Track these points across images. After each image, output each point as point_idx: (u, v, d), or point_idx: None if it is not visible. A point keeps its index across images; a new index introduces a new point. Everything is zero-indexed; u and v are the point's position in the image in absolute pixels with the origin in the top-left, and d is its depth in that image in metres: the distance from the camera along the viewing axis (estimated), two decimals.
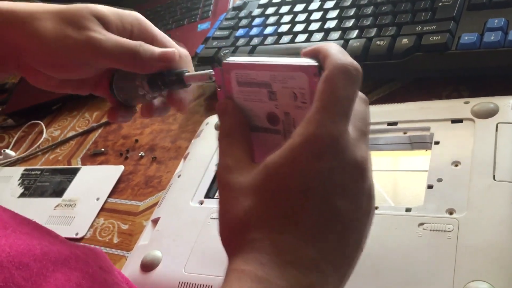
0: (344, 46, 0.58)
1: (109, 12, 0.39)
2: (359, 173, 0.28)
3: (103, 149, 0.73)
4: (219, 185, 0.30)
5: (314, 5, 0.66)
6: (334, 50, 0.29)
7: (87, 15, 0.37)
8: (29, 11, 0.37)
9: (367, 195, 0.29)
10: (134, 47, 0.37)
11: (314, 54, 0.30)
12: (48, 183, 0.71)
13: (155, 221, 0.52)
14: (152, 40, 0.40)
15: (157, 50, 0.38)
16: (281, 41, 0.64)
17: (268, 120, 0.32)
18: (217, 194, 0.53)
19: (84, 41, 0.36)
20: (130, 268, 0.49)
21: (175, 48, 0.39)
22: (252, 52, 0.65)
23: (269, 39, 0.66)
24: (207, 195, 0.52)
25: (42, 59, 0.37)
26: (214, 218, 0.49)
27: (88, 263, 0.35)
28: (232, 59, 0.32)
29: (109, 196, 0.65)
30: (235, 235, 0.28)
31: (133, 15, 0.40)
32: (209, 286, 0.43)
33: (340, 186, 0.27)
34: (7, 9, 0.37)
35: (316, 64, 0.29)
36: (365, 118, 0.30)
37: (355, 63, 0.28)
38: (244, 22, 0.72)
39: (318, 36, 0.62)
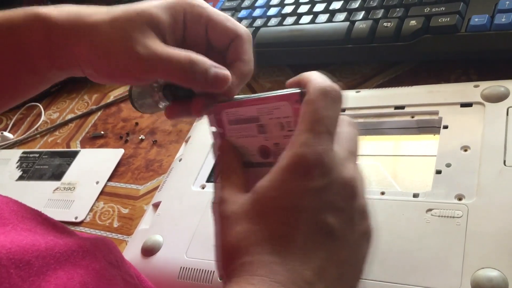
0: (350, 28, 0.57)
1: (161, 12, 0.35)
2: (348, 191, 0.28)
3: (102, 132, 0.72)
4: (215, 219, 0.31)
5: None
6: (314, 75, 0.30)
7: (138, 25, 0.34)
8: (91, 23, 0.35)
9: (360, 213, 0.29)
10: (184, 65, 0.33)
11: (297, 83, 0.31)
12: (47, 166, 0.70)
13: (156, 205, 0.51)
14: (207, 26, 0.36)
15: (210, 70, 0.33)
16: (284, 23, 0.63)
17: (261, 155, 0.33)
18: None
19: (144, 56, 0.33)
20: (130, 252, 0.48)
21: (226, 73, 0.34)
22: (255, 33, 0.64)
23: (273, 21, 0.64)
24: (209, 180, 0.51)
25: (97, 70, 0.36)
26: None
27: (96, 257, 0.33)
28: (219, 100, 0.34)
29: (109, 179, 0.64)
30: (228, 261, 0.28)
31: (184, 1, 0.36)
32: (211, 271, 0.42)
33: (329, 203, 0.27)
34: (74, 17, 0.35)
35: (298, 91, 0.30)
36: (353, 139, 0.31)
37: (335, 85, 0.29)
38: (246, 3, 0.70)
39: (323, 17, 0.60)
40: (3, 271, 0.27)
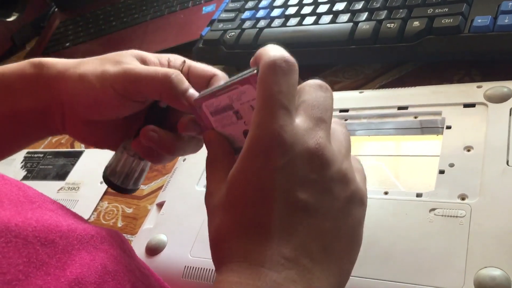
0: (354, 29, 0.57)
1: (148, 54, 0.40)
2: (317, 162, 0.27)
3: None
4: (206, 211, 0.31)
5: None
6: (265, 50, 0.29)
7: (125, 54, 0.39)
8: (77, 61, 0.39)
9: (339, 180, 0.28)
10: (167, 72, 0.36)
11: (255, 62, 0.30)
12: (51, 166, 0.70)
13: (160, 205, 0.52)
14: (189, 69, 0.39)
15: (189, 86, 0.36)
16: (288, 24, 0.63)
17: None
18: None
19: (119, 72, 0.36)
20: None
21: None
22: (258, 35, 0.64)
23: (276, 22, 0.64)
24: None
25: (82, 98, 0.37)
26: None
27: (113, 244, 0.34)
28: (198, 95, 0.35)
29: None
30: (214, 252, 0.29)
31: (171, 54, 0.41)
32: (215, 270, 0.42)
33: (296, 179, 0.27)
34: (55, 62, 0.39)
35: (255, 71, 0.29)
36: (322, 104, 0.29)
37: (284, 55, 0.28)
38: (250, 4, 0.70)
39: (326, 18, 0.61)
40: (31, 248, 0.28)
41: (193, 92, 0.36)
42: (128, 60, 0.38)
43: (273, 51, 0.28)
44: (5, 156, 0.43)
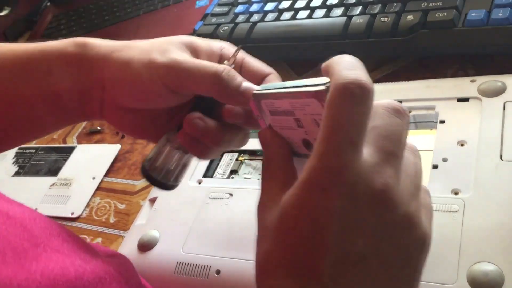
0: (347, 23, 0.57)
1: (198, 40, 0.37)
2: (381, 205, 0.24)
3: (99, 128, 0.72)
4: (257, 222, 0.28)
5: None
6: (338, 66, 0.25)
7: (175, 42, 0.36)
8: (123, 43, 0.37)
9: (401, 226, 0.24)
10: (217, 70, 0.34)
11: (326, 71, 0.26)
12: (43, 162, 0.69)
13: (153, 201, 0.51)
14: (242, 63, 0.37)
15: (242, 80, 0.34)
16: (282, 18, 0.63)
17: (306, 147, 0.30)
18: (215, 173, 0.52)
19: (165, 63, 0.34)
20: (127, 248, 0.48)
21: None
22: (252, 29, 0.63)
23: (270, 16, 0.64)
24: (206, 175, 0.51)
25: (127, 85, 0.36)
26: (212, 198, 0.48)
27: (121, 283, 0.32)
28: (259, 89, 0.32)
29: (105, 175, 0.64)
30: (258, 279, 0.26)
31: (224, 41, 0.38)
32: (207, 266, 0.42)
33: (355, 224, 0.24)
34: (99, 43, 0.37)
35: (323, 87, 0.26)
36: (395, 135, 0.25)
37: (359, 79, 0.24)
38: None
39: (320, 12, 0.60)
40: None
41: (248, 85, 0.34)
42: (177, 49, 0.35)
43: (347, 71, 0.24)
44: (38, 137, 0.42)
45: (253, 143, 0.39)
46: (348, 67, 0.25)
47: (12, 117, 0.39)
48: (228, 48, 0.38)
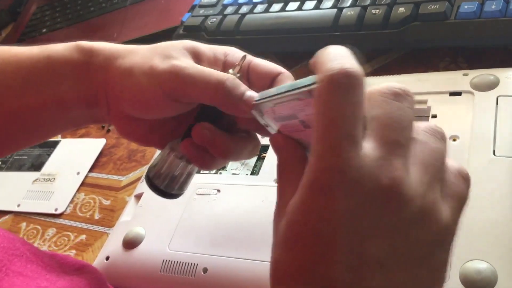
0: (338, 15, 0.56)
1: (202, 45, 0.36)
2: (392, 202, 0.22)
3: None
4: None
5: None
6: (322, 57, 0.23)
7: (177, 47, 0.35)
8: (128, 48, 0.36)
9: (418, 222, 0.22)
10: (220, 78, 0.33)
11: (314, 67, 0.25)
12: (26, 157, 0.68)
13: (138, 197, 0.50)
14: (248, 66, 0.36)
15: (246, 90, 0.33)
16: (271, 10, 0.61)
17: None
18: None
19: (166, 70, 0.33)
20: (112, 245, 0.47)
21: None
22: (241, 21, 0.62)
23: (259, 7, 0.63)
24: None
25: (127, 94, 0.35)
26: (199, 194, 0.47)
27: None
28: (257, 98, 0.31)
29: (90, 170, 0.62)
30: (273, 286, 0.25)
31: (228, 47, 0.37)
32: (194, 264, 0.41)
33: (365, 225, 0.22)
34: (104, 48, 0.37)
35: (313, 86, 0.24)
36: (398, 121, 0.23)
37: (344, 67, 0.22)
38: None
39: (310, 4, 0.59)
40: None
41: (253, 94, 0.32)
42: (179, 55, 0.34)
43: (330, 62, 0.23)
44: (43, 140, 0.41)
45: None
46: (331, 58, 0.23)
47: (16, 125, 0.38)
48: (233, 54, 0.37)
